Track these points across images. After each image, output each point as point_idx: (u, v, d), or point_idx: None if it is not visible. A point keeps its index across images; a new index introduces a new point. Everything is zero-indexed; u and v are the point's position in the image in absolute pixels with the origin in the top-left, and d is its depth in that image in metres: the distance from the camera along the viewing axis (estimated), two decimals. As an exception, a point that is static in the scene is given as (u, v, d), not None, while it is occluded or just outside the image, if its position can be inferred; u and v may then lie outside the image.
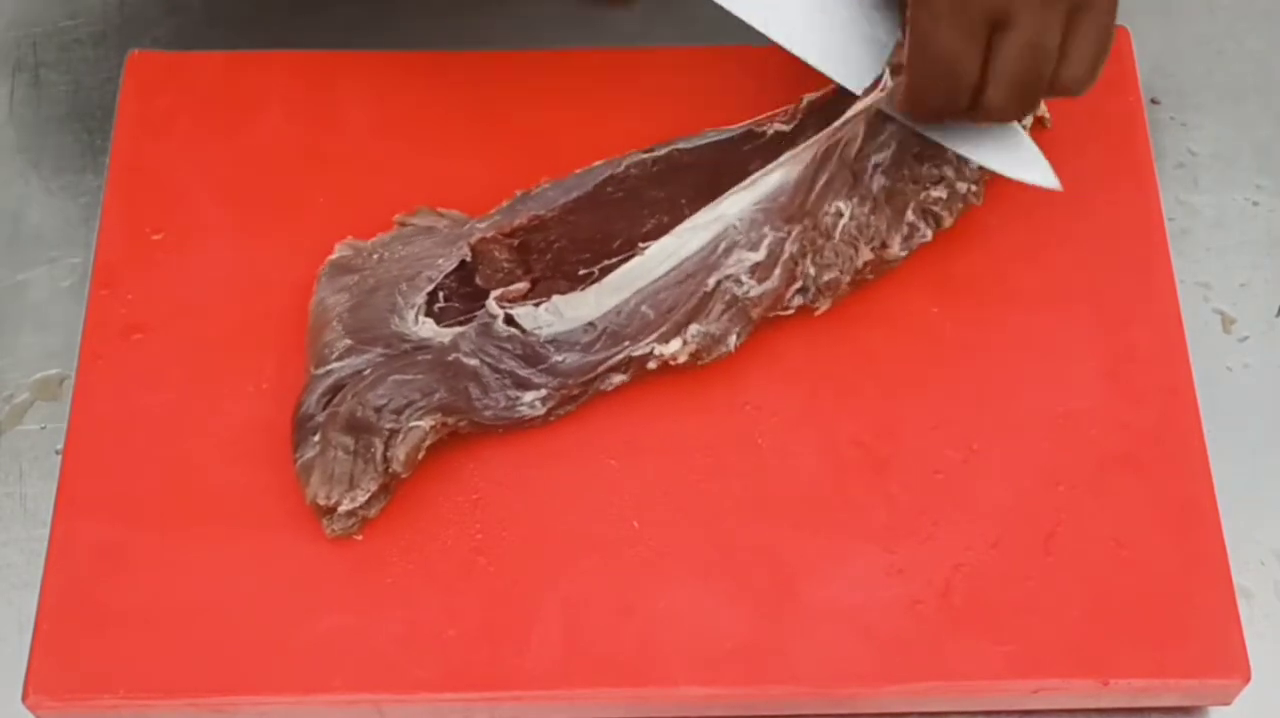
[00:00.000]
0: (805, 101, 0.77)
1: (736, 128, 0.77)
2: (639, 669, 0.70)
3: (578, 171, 0.77)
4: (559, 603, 0.71)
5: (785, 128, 0.77)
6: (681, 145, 0.77)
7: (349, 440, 0.71)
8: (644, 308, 0.73)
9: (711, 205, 0.74)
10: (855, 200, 0.75)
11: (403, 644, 0.70)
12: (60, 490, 0.73)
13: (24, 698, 0.70)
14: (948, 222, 0.78)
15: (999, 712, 0.72)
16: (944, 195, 0.77)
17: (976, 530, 0.73)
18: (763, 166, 0.75)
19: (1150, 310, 0.78)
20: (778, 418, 0.75)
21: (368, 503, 0.71)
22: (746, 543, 0.72)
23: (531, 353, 0.73)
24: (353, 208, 0.79)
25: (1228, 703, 0.72)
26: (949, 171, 0.77)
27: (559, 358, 0.73)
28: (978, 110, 0.70)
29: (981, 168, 0.77)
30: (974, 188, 0.78)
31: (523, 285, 0.74)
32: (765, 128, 0.77)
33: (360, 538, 0.72)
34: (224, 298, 0.78)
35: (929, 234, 0.77)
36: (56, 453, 0.76)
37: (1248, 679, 0.71)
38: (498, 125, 0.81)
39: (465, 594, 0.71)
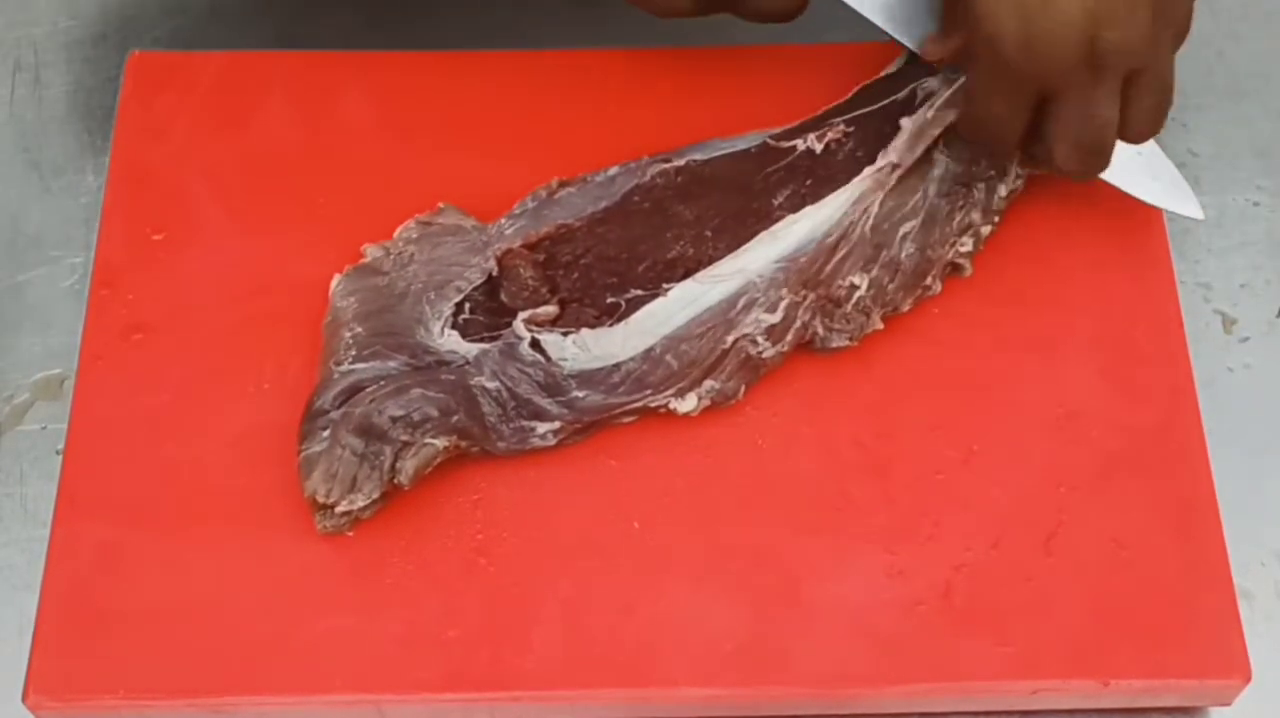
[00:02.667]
0: (839, 124, 0.77)
1: (752, 137, 0.77)
2: (639, 669, 0.70)
3: (597, 178, 0.77)
4: (559, 603, 0.71)
5: (816, 146, 0.76)
6: (698, 156, 0.77)
7: (358, 443, 0.71)
8: (668, 357, 0.73)
9: (734, 255, 0.74)
10: (874, 272, 0.75)
11: (403, 644, 0.70)
12: (60, 491, 0.73)
13: (24, 698, 0.70)
14: (968, 270, 0.77)
15: (999, 712, 0.72)
16: (970, 247, 0.77)
17: (977, 531, 0.73)
18: (789, 198, 0.75)
19: (1150, 310, 0.78)
20: (778, 418, 0.75)
21: (365, 508, 0.71)
22: (747, 543, 0.72)
23: (554, 383, 0.73)
24: (353, 208, 0.79)
25: (1228, 704, 0.72)
26: (975, 217, 0.76)
27: (580, 393, 0.73)
28: (1054, 166, 0.73)
29: (1007, 197, 0.77)
30: (993, 228, 0.78)
31: (551, 309, 0.74)
32: (790, 143, 0.77)
33: (357, 537, 0.72)
34: (224, 298, 0.78)
35: (939, 287, 0.77)
36: (57, 453, 0.76)
37: (1248, 680, 0.70)
38: (499, 126, 0.81)
39: (465, 595, 0.71)
